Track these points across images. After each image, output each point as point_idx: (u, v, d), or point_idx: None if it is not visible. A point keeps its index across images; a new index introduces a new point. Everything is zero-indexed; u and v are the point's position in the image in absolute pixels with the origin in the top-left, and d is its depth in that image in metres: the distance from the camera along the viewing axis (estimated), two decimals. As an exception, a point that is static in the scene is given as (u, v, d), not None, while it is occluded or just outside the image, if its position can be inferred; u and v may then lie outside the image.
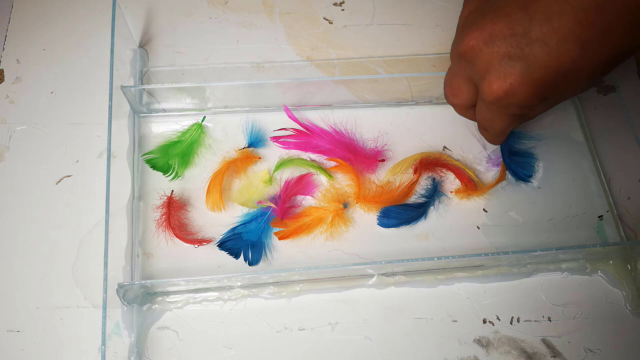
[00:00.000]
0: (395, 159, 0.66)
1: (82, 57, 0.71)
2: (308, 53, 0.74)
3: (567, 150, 0.69)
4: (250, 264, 0.61)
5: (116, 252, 0.57)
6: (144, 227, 0.62)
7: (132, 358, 0.56)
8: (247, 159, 0.65)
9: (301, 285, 0.60)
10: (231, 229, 0.61)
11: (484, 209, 0.65)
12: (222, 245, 0.61)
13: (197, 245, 0.61)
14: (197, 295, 0.59)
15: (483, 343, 0.59)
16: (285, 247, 0.62)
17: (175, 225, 0.61)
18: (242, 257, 0.61)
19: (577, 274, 0.62)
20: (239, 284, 0.59)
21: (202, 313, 0.59)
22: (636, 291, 0.61)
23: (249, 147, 0.66)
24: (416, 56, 0.74)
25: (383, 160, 0.66)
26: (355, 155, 0.65)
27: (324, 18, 0.76)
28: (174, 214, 0.61)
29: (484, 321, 0.60)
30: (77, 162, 0.65)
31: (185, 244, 0.61)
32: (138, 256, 0.60)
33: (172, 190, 0.63)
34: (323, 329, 0.59)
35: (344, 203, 0.63)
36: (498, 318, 0.60)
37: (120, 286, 0.54)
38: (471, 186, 0.65)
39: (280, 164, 0.65)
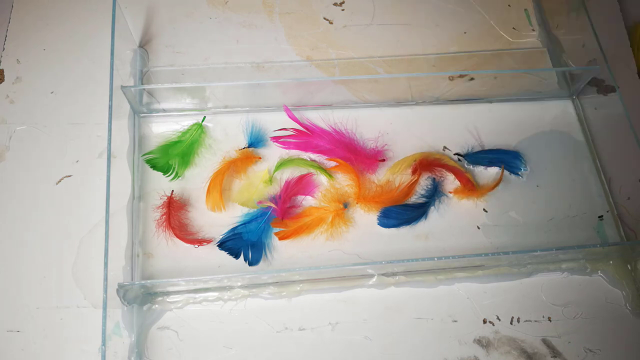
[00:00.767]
0: (395, 159, 0.66)
1: (82, 57, 0.71)
2: (308, 53, 0.73)
3: (567, 150, 0.69)
4: (250, 264, 0.61)
5: (116, 252, 0.57)
6: (144, 227, 0.62)
7: (132, 358, 0.56)
8: (247, 159, 0.65)
9: (301, 285, 0.60)
10: (231, 229, 0.61)
11: (484, 209, 0.65)
12: (222, 245, 0.61)
13: (197, 246, 0.61)
14: (197, 295, 0.59)
15: (483, 343, 0.59)
16: (286, 247, 0.62)
17: (176, 226, 0.61)
18: (242, 257, 0.61)
19: (577, 274, 0.62)
20: (239, 284, 0.59)
21: (202, 313, 0.59)
22: (636, 291, 0.61)
23: (249, 147, 0.66)
24: (416, 56, 0.74)
25: (383, 160, 0.66)
26: (356, 155, 0.65)
27: (324, 18, 0.76)
28: (174, 214, 0.61)
29: (484, 321, 0.60)
30: (77, 162, 0.65)
31: (185, 244, 0.61)
32: (138, 256, 0.60)
33: (172, 190, 0.63)
34: (323, 329, 0.59)
35: (344, 203, 0.63)
36: (498, 318, 0.60)
37: (121, 286, 0.54)
38: (470, 187, 0.65)
39: (281, 164, 0.65)
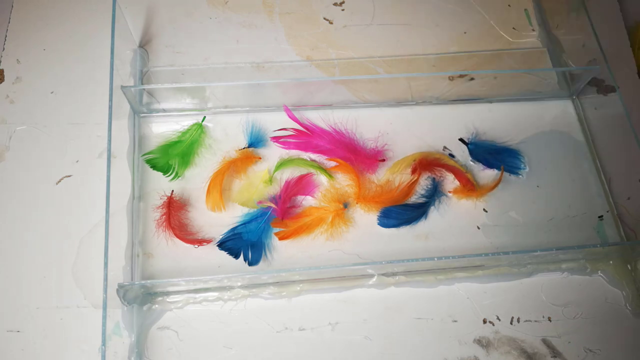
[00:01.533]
0: (395, 159, 0.66)
1: (82, 57, 0.71)
2: (308, 53, 0.73)
3: (567, 150, 0.69)
4: (250, 264, 0.61)
5: (116, 252, 0.57)
6: (144, 227, 0.62)
7: (132, 358, 0.56)
8: (247, 159, 0.65)
9: (301, 285, 0.60)
10: (231, 229, 0.61)
11: (484, 209, 0.65)
12: (222, 245, 0.61)
13: (197, 246, 0.61)
14: (197, 295, 0.59)
15: (483, 343, 0.59)
16: (285, 247, 0.62)
17: (176, 226, 0.61)
18: (242, 257, 0.61)
19: (577, 274, 0.62)
20: (239, 284, 0.59)
21: (202, 313, 0.59)
22: (636, 291, 0.61)
23: (249, 147, 0.66)
24: (416, 56, 0.74)
25: (383, 160, 0.66)
26: (356, 155, 0.65)
27: (324, 18, 0.76)
28: (174, 214, 0.61)
29: (484, 321, 0.60)
30: (77, 162, 0.65)
31: (185, 244, 0.61)
32: (138, 256, 0.60)
33: (172, 190, 0.63)
34: (323, 329, 0.59)
35: (344, 203, 0.63)
36: (498, 318, 0.60)
37: (121, 286, 0.54)
38: (470, 187, 0.65)
39: (281, 164, 0.65)
